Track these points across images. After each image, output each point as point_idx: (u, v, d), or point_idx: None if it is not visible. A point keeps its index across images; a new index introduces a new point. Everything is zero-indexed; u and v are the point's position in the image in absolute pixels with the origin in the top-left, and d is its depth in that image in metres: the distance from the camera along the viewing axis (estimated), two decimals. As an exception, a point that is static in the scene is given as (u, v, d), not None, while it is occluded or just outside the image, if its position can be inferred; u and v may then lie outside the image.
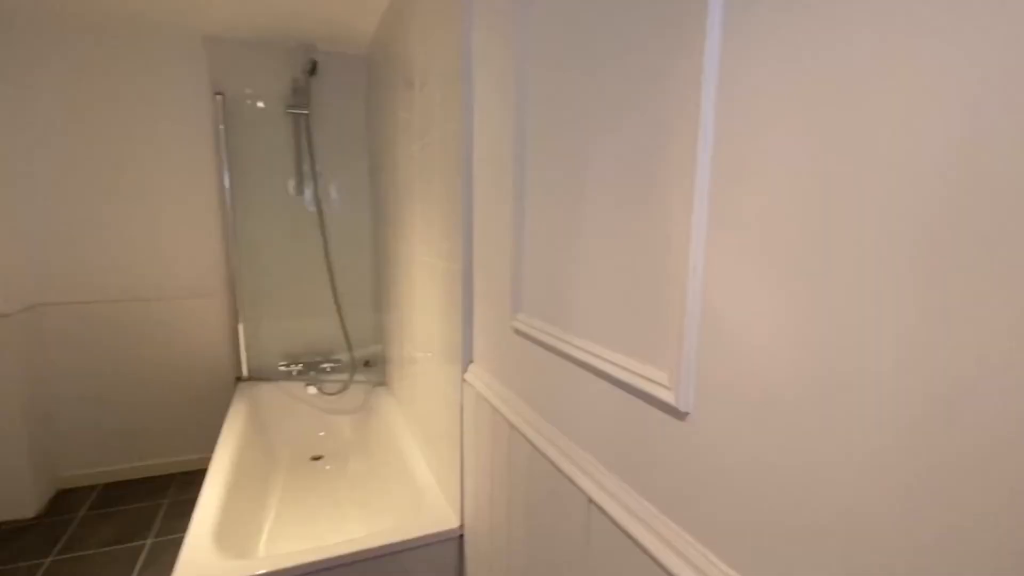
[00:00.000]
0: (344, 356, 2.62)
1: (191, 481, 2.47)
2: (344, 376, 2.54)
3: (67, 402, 2.35)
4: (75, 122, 2.19)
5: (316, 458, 2.39)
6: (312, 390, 2.52)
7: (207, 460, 2.54)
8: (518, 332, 0.97)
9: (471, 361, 1.28)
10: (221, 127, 2.27)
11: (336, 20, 2.08)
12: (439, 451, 1.57)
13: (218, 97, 2.25)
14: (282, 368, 2.54)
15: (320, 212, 2.44)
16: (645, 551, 0.63)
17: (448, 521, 1.38)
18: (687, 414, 0.58)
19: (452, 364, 1.35)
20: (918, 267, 0.36)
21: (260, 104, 2.36)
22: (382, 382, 2.53)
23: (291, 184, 2.47)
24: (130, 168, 2.28)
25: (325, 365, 2.58)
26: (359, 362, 2.64)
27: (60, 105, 2.15)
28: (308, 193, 2.50)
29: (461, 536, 1.37)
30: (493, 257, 1.08)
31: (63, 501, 2.31)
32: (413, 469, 1.69)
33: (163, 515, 2.22)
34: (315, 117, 2.43)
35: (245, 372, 2.51)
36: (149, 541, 2.05)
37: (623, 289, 0.67)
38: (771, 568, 0.49)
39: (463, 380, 1.28)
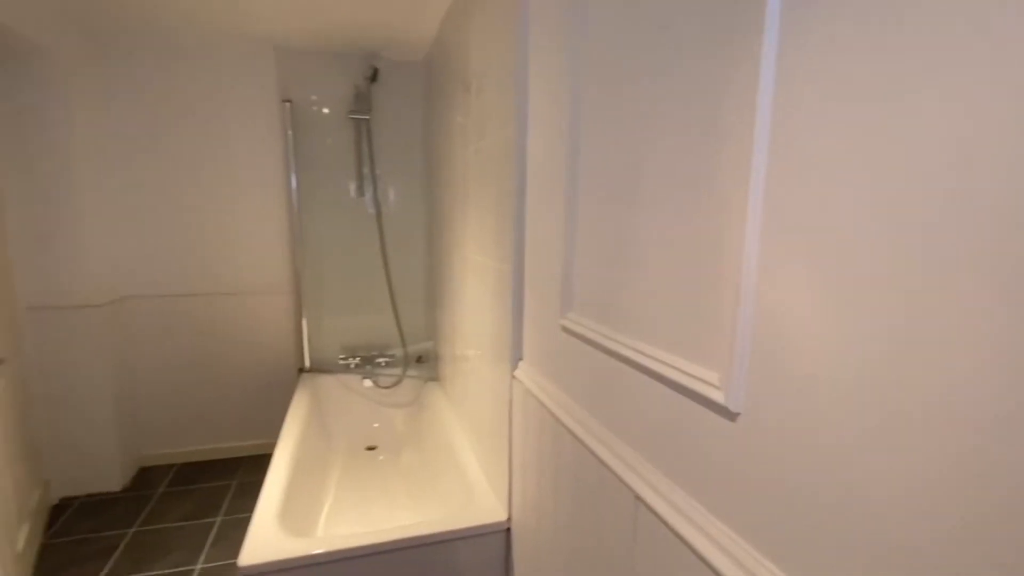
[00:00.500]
0: (398, 351, 2.72)
1: (257, 464, 2.64)
2: (398, 371, 2.63)
3: (149, 387, 2.56)
4: (159, 130, 2.38)
5: (371, 448, 2.49)
6: (368, 383, 2.63)
7: (272, 445, 2.70)
8: (567, 331, 0.99)
9: (520, 359, 1.30)
10: (289, 133, 2.42)
11: (397, 28, 2.17)
12: (488, 446, 1.60)
13: (286, 104, 2.40)
14: (341, 361, 2.67)
15: (378, 213, 2.54)
16: (693, 550, 0.63)
17: (496, 514, 1.42)
18: (738, 414, 0.58)
19: (502, 361, 1.38)
20: (992, 266, 0.35)
21: (325, 110, 2.49)
22: (433, 378, 2.60)
23: (352, 187, 2.60)
24: (207, 173, 2.47)
25: (380, 360, 2.69)
26: (412, 358, 2.74)
27: (146, 115, 2.36)
28: (368, 195, 2.61)
29: (508, 529, 1.41)
30: (544, 258, 1.11)
31: (145, 478, 2.52)
32: (463, 463, 1.74)
33: (232, 495, 2.38)
34: (375, 122, 2.54)
35: (307, 364, 2.65)
36: (219, 519, 2.20)
37: (674, 289, 0.68)
38: (823, 574, 0.48)
39: (512, 377, 1.31)
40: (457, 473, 1.75)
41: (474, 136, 1.60)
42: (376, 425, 2.60)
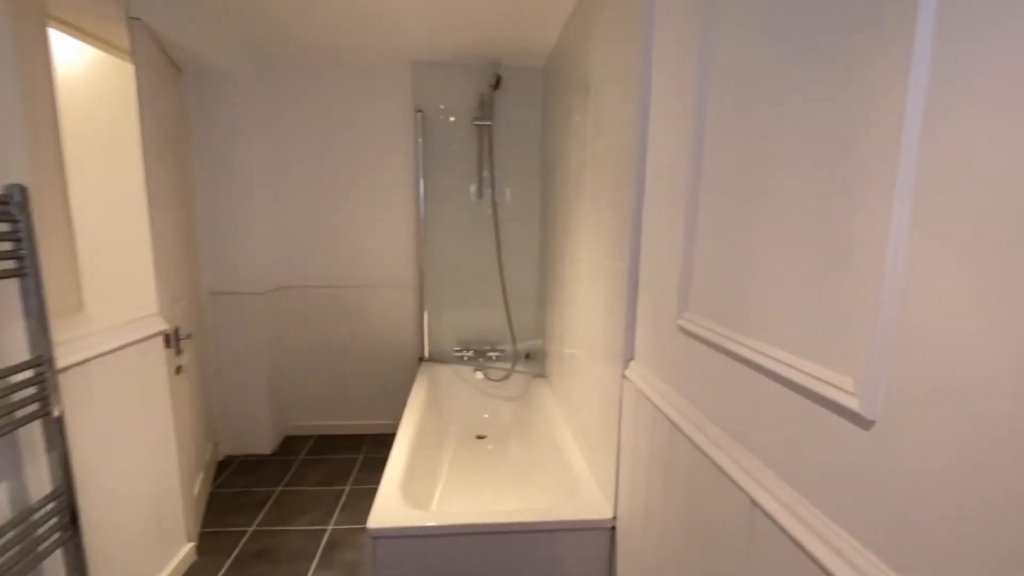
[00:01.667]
0: (508, 347, 2.83)
1: (380, 442, 2.89)
2: (507, 365, 2.73)
3: (295, 366, 2.92)
4: (310, 141, 2.71)
5: (480, 437, 2.61)
6: (479, 375, 2.76)
7: (392, 426, 2.95)
8: (684, 331, 0.98)
9: (632, 358, 1.31)
10: (419, 140, 2.63)
11: (521, 38, 2.27)
12: (595, 443, 1.62)
13: (418, 114, 2.61)
14: (456, 353, 2.84)
15: (495, 214, 2.67)
16: (814, 560, 0.61)
17: (601, 511, 1.43)
18: (873, 423, 0.55)
19: (613, 360, 1.39)
20: None
21: (451, 118, 2.67)
22: (541, 374, 2.67)
23: (472, 189, 2.75)
24: (347, 178, 2.76)
25: (491, 354, 2.81)
26: (521, 354, 2.83)
27: (300, 127, 2.69)
28: (486, 197, 2.75)
29: (613, 528, 1.41)
30: (661, 257, 1.10)
31: (289, 445, 2.88)
32: (568, 458, 1.77)
33: (358, 468, 2.63)
34: (496, 127, 2.66)
35: (426, 354, 2.86)
36: (347, 487, 2.46)
37: (803, 290, 0.66)
38: (969, 596, 0.45)
39: (623, 377, 1.31)
40: (562, 467, 1.79)
41: (591, 137, 1.63)
42: (486, 416, 2.72)
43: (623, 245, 1.28)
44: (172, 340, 1.80)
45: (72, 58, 1.75)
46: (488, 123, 2.60)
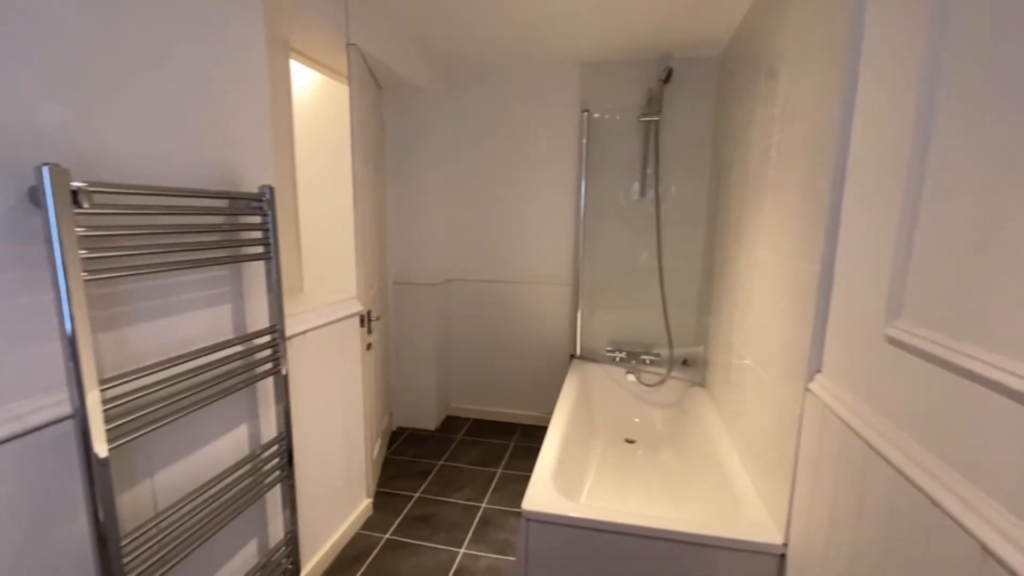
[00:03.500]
0: (664, 352, 2.72)
1: (530, 432, 3.00)
2: (662, 370, 2.63)
3: (458, 353, 3.17)
4: (482, 147, 2.91)
5: (630, 441, 2.56)
6: (631, 378, 2.71)
7: (541, 418, 3.04)
8: (893, 341, 0.85)
9: (818, 371, 1.17)
10: (584, 140, 2.66)
11: (697, 27, 2.17)
12: (763, 460, 1.48)
13: (584, 114, 2.64)
14: (608, 353, 2.82)
15: (657, 213, 2.59)
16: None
17: (768, 534, 1.30)
18: None
19: (793, 373, 1.26)
20: None
21: (617, 116, 2.66)
22: (699, 383, 2.52)
23: (636, 187, 2.70)
24: (514, 179, 2.90)
25: (645, 357, 2.74)
26: (678, 360, 2.70)
27: (473, 134, 2.90)
28: (649, 195, 2.68)
29: (782, 556, 1.28)
30: (864, 256, 0.97)
31: (449, 424, 3.13)
32: (729, 472, 1.65)
33: (509, 454, 2.76)
34: (664, 123, 2.58)
35: (578, 351, 2.88)
36: (499, 471, 2.59)
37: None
38: None
39: (806, 390, 1.18)
40: (721, 482, 1.67)
41: (777, 125, 1.49)
42: (636, 420, 2.66)
43: (814, 243, 1.15)
44: (366, 320, 2.08)
45: (302, 82, 2.12)
46: (655, 118, 2.53)
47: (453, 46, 2.51)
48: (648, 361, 2.73)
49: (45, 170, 0.79)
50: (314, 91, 2.14)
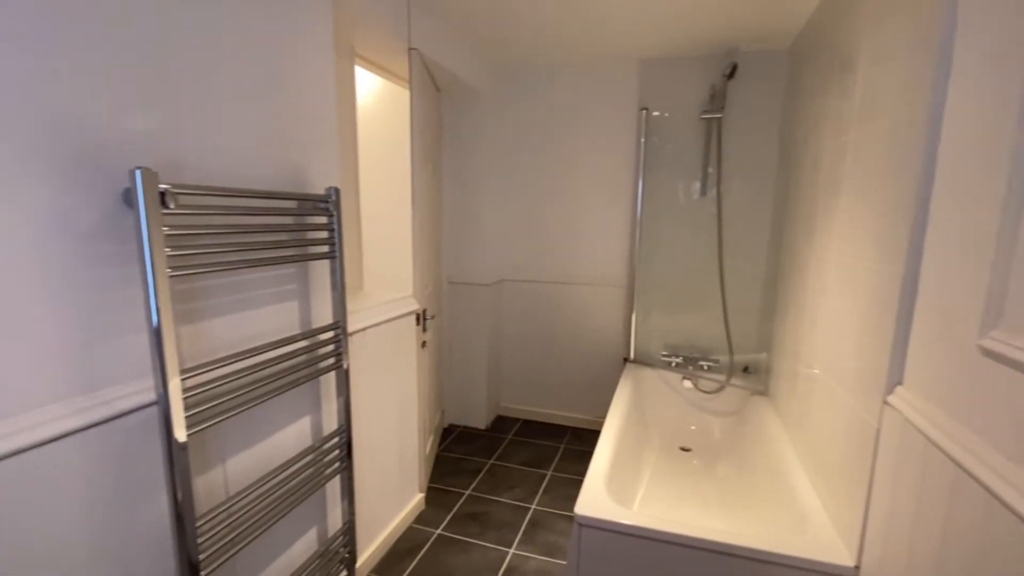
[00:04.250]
0: (723, 358, 2.62)
1: (580, 436, 2.97)
2: (721, 377, 2.54)
3: (510, 353, 3.18)
4: (536, 147, 2.90)
5: (685, 449, 2.48)
6: (688, 384, 2.62)
7: (592, 422, 3.00)
8: (991, 354, 0.77)
9: (899, 383, 1.09)
10: (642, 139, 2.61)
11: (765, 19, 2.07)
12: (831, 476, 1.40)
13: (643, 112, 2.58)
14: (663, 357, 2.74)
15: (719, 213, 2.49)
16: None
17: (838, 555, 1.22)
18: None
19: (870, 384, 1.18)
20: None
21: (677, 114, 2.58)
22: (761, 391, 2.40)
23: (695, 186, 2.62)
24: (569, 179, 2.88)
25: (703, 363, 2.64)
26: (738, 367, 2.60)
27: (528, 135, 2.90)
28: (710, 195, 2.59)
29: (855, 580, 1.20)
30: (955, 260, 0.89)
31: (500, 423, 3.15)
32: (794, 487, 1.56)
33: (559, 456, 2.74)
34: (728, 119, 2.49)
35: (632, 355, 2.82)
36: (549, 472, 2.58)
37: None
38: None
39: (884, 404, 1.10)
40: (784, 496, 1.59)
41: (855, 119, 1.40)
42: (693, 428, 2.57)
43: (896, 245, 1.07)
44: (421, 319, 2.12)
45: (364, 86, 2.19)
46: (718, 115, 2.44)
47: (511, 46, 2.52)
48: (706, 367, 2.64)
49: (138, 173, 0.85)
50: (375, 95, 2.21)
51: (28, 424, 0.80)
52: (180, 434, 0.96)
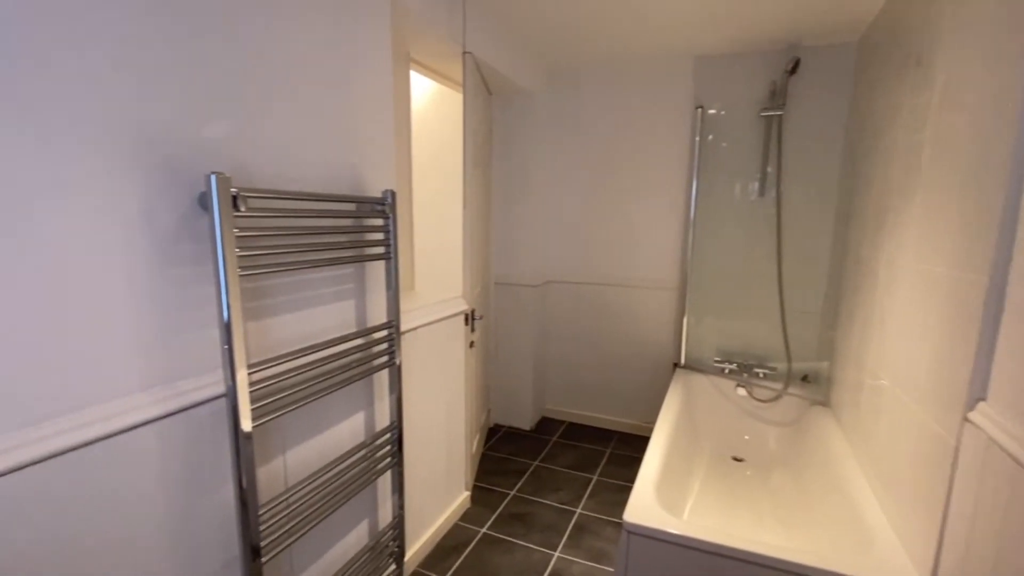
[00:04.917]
0: (780, 366, 2.51)
1: (626, 441, 2.92)
2: (778, 386, 2.43)
3: (556, 354, 3.16)
4: (587, 147, 2.88)
5: (737, 459, 2.40)
6: (742, 392, 2.53)
7: (639, 427, 2.95)
8: (1094, 371, 0.71)
9: (981, 399, 1.01)
10: (697, 138, 2.53)
11: (831, 11, 1.98)
12: (900, 494, 1.31)
13: (698, 110, 2.51)
14: (716, 363, 2.66)
15: (778, 215, 2.39)
16: None
17: (910, 581, 1.15)
18: None
19: (947, 399, 1.10)
20: None
21: (734, 112, 2.50)
22: (821, 401, 2.29)
23: (753, 187, 2.52)
24: (621, 180, 2.84)
25: (758, 370, 2.54)
26: (796, 375, 2.48)
27: (580, 135, 2.88)
28: (769, 196, 2.49)
29: (928, 608, 1.12)
30: (1052, 269, 0.82)
31: (545, 425, 3.14)
32: (858, 505, 1.48)
33: (606, 460, 2.71)
34: (789, 117, 2.39)
35: (683, 360, 2.75)
36: (595, 476, 2.55)
37: None
38: None
39: (964, 420, 1.02)
40: (846, 512, 1.50)
41: (933, 115, 1.31)
42: (746, 437, 2.48)
43: (981, 250, 0.99)
44: (470, 319, 2.14)
45: (418, 90, 2.23)
46: (779, 113, 2.34)
47: (563, 46, 2.51)
48: (762, 375, 2.54)
49: (213, 178, 0.91)
50: (428, 98, 2.25)
51: (119, 410, 0.87)
52: (246, 424, 1.01)
